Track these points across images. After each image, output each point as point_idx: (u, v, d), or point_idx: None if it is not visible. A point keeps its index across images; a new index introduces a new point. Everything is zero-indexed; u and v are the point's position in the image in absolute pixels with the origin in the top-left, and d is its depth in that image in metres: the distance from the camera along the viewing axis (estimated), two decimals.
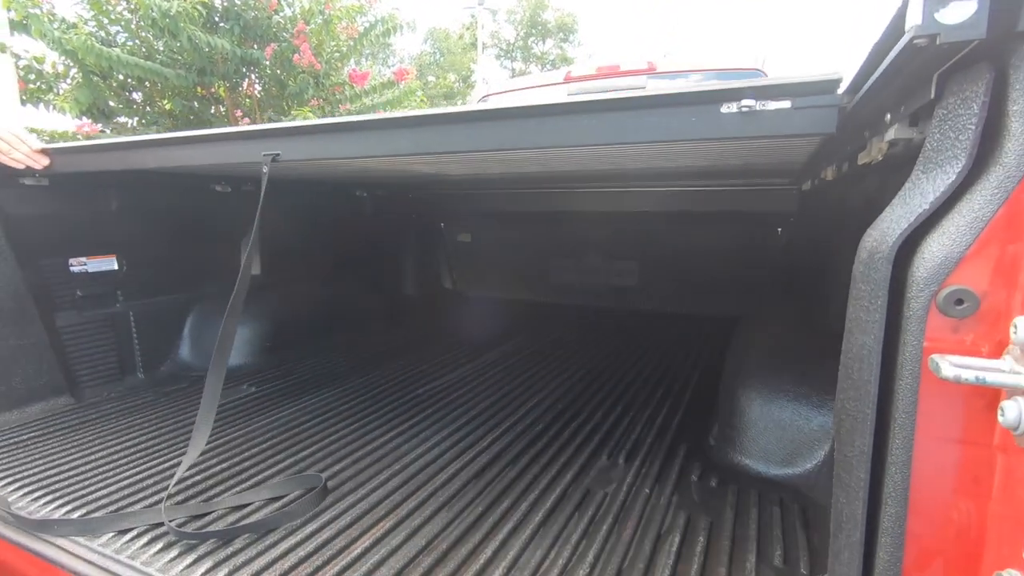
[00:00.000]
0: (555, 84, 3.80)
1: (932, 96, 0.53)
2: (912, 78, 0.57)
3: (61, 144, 1.90)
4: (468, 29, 24.37)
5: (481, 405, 1.78)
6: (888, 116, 0.71)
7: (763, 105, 0.75)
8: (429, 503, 1.19)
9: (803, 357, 1.41)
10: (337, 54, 6.17)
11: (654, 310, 3.21)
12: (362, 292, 2.85)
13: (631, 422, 1.66)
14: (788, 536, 1.09)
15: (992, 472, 0.46)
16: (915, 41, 0.46)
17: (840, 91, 0.72)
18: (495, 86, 4.19)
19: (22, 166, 1.57)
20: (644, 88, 3.42)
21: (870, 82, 0.66)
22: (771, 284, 2.89)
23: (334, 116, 6.17)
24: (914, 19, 0.45)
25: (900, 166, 0.79)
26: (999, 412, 0.43)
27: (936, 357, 0.45)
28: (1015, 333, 0.42)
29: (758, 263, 2.91)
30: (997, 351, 0.45)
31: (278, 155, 1.34)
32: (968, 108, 0.48)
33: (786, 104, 0.74)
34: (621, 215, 2.94)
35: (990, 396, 0.46)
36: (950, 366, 0.44)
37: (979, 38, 0.44)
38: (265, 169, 1.36)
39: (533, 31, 25.77)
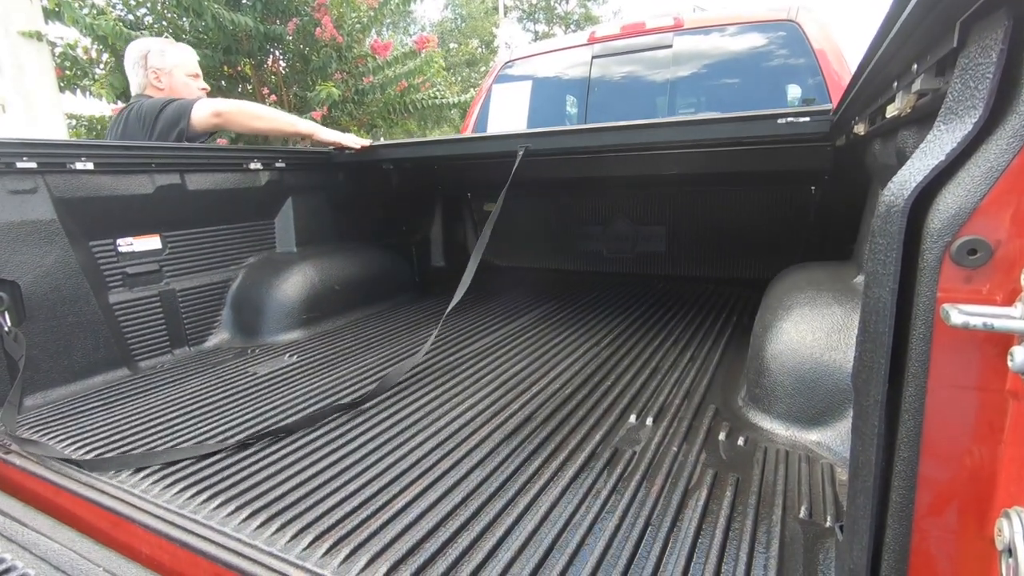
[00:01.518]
0: (579, 46, 3.71)
1: (955, 44, 0.53)
2: (936, 25, 0.56)
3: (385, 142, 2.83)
4: None
5: (513, 370, 1.83)
6: (915, 66, 0.69)
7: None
8: (464, 462, 1.25)
9: (834, 317, 1.40)
10: (358, 25, 6.14)
11: (683, 275, 3.19)
12: (393, 264, 2.92)
13: (659, 384, 1.69)
14: (814, 492, 1.11)
15: (1004, 417, 0.48)
16: None
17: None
18: (518, 52, 4.12)
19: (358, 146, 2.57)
20: (671, 47, 3.34)
21: (895, 29, 0.65)
22: (804, 244, 2.83)
23: (358, 88, 6.18)
24: None
25: (930, 118, 0.77)
26: (1009, 357, 0.44)
27: (947, 306, 0.46)
28: None
29: (791, 224, 2.85)
30: (1010, 299, 0.46)
31: (528, 146, 2.12)
32: (987, 57, 0.48)
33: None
34: (648, 179, 2.91)
35: (1001, 343, 0.46)
36: (959, 314, 0.45)
37: None
38: (520, 154, 2.13)
39: None
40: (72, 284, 1.79)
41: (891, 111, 0.88)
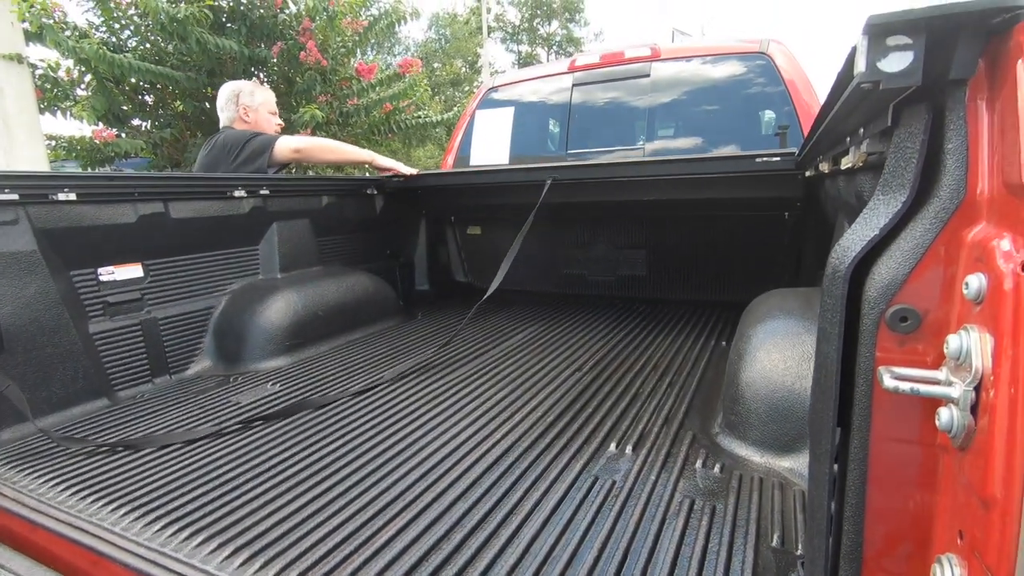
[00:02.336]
0: (560, 73, 3.81)
1: (889, 123, 0.58)
2: (874, 104, 0.62)
3: (423, 171, 3.25)
4: (474, 14, 24.12)
5: (496, 398, 1.86)
6: (862, 130, 0.75)
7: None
8: (446, 494, 1.27)
9: (804, 346, 1.45)
10: (343, 49, 6.21)
11: (664, 298, 3.25)
12: (378, 288, 2.93)
13: (639, 412, 1.72)
14: (786, 520, 1.15)
15: (936, 468, 0.52)
16: (862, 85, 0.51)
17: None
18: (501, 78, 4.21)
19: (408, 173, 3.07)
20: (649, 76, 3.44)
21: (843, 98, 0.71)
22: (780, 269, 2.92)
23: (342, 110, 6.23)
24: (859, 67, 0.50)
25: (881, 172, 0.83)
26: (936, 417, 0.49)
27: (881, 369, 0.51)
28: (947, 348, 0.47)
29: (767, 249, 2.93)
30: (938, 363, 0.51)
31: (556, 177, 2.60)
32: (912, 143, 0.53)
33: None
34: (629, 204, 2.98)
35: (931, 402, 0.51)
36: (891, 378, 0.49)
37: (916, 84, 0.49)
38: (548, 184, 2.59)
39: (538, 12, 25.42)
40: (52, 315, 1.79)
41: (845, 163, 0.94)
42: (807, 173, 2.36)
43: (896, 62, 0.48)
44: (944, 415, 0.47)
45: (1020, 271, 0.40)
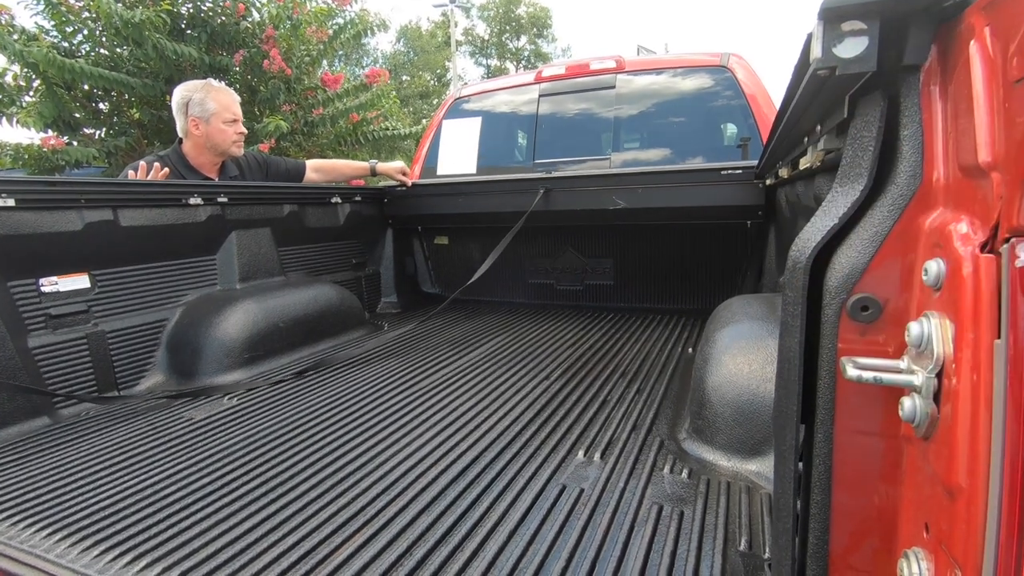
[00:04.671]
0: (527, 84, 3.83)
1: (845, 115, 0.58)
2: (830, 97, 0.62)
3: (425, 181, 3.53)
4: (440, 27, 24.26)
5: (462, 408, 1.81)
6: (819, 127, 0.76)
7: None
8: (409, 508, 1.22)
9: (768, 349, 1.46)
10: (308, 58, 6.13)
11: (631, 306, 3.27)
12: (342, 299, 2.86)
13: (607, 419, 1.71)
14: (753, 524, 1.14)
15: (900, 460, 0.51)
16: (818, 72, 0.50)
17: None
18: (468, 88, 4.20)
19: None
20: (614, 87, 3.49)
21: (798, 95, 0.71)
22: (743, 277, 2.97)
23: (307, 119, 6.14)
24: (816, 52, 0.50)
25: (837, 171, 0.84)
26: (899, 407, 0.48)
27: (844, 360, 0.50)
28: (908, 336, 0.47)
29: (730, 257, 2.99)
30: (899, 352, 0.50)
31: (549, 188, 2.88)
32: (869, 131, 0.53)
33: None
34: (595, 213, 3.00)
35: (894, 392, 0.50)
36: (853, 368, 0.48)
37: (871, 70, 0.49)
38: (541, 192, 2.89)
39: (507, 27, 25.73)
40: None
41: (804, 163, 0.95)
42: (767, 181, 2.42)
43: (851, 47, 0.48)
44: (907, 404, 0.46)
45: (978, 253, 0.40)
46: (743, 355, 1.50)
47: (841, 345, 0.52)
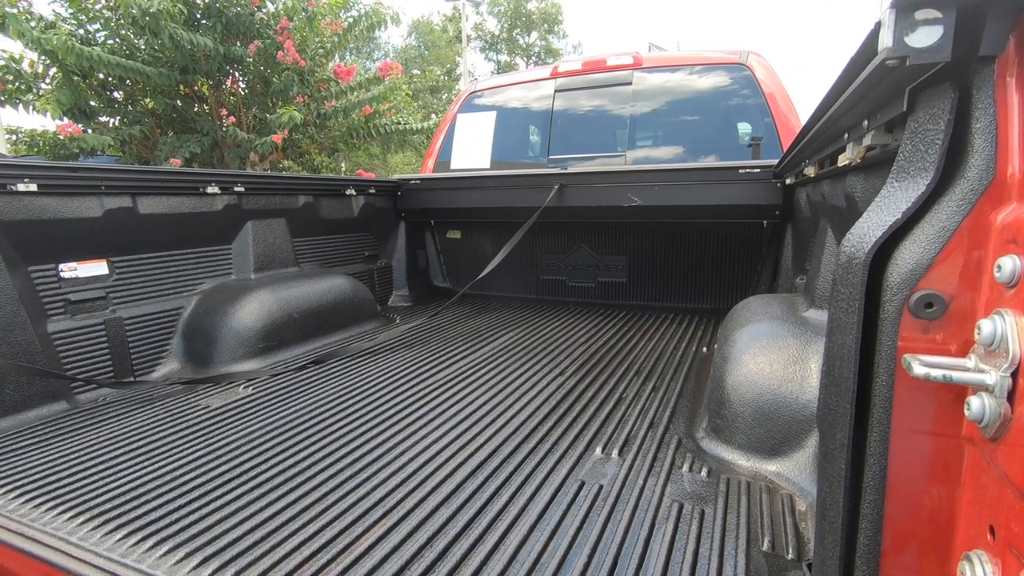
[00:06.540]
0: (543, 79, 3.81)
1: (904, 109, 0.57)
2: (887, 90, 0.61)
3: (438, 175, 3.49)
4: (451, 21, 24.19)
5: (478, 402, 1.81)
6: (866, 122, 0.74)
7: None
8: (428, 500, 1.21)
9: (789, 349, 1.45)
10: (321, 50, 6.12)
11: (645, 304, 3.25)
12: (355, 291, 2.86)
13: (623, 416, 1.70)
14: (776, 524, 1.13)
15: (961, 461, 0.50)
16: (887, 62, 0.49)
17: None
18: (483, 82, 4.19)
19: None
20: (631, 83, 3.47)
21: (850, 90, 0.70)
22: (758, 277, 2.95)
23: (320, 111, 6.14)
24: (886, 41, 0.48)
25: (877, 168, 0.82)
26: (966, 406, 0.47)
27: (908, 357, 0.49)
28: (979, 334, 0.45)
29: (746, 257, 2.96)
30: (963, 350, 0.49)
31: (564, 184, 2.89)
32: (936, 124, 0.51)
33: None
34: (609, 210, 2.98)
35: (957, 392, 0.49)
36: (920, 365, 0.47)
37: (944, 60, 0.48)
38: (555, 188, 2.90)
39: (518, 23, 25.62)
40: (8, 312, 1.68)
41: (842, 160, 0.93)
42: (787, 181, 2.39)
43: (925, 36, 0.46)
44: (975, 404, 0.45)
45: None
46: (763, 355, 1.48)
47: (901, 343, 0.51)
